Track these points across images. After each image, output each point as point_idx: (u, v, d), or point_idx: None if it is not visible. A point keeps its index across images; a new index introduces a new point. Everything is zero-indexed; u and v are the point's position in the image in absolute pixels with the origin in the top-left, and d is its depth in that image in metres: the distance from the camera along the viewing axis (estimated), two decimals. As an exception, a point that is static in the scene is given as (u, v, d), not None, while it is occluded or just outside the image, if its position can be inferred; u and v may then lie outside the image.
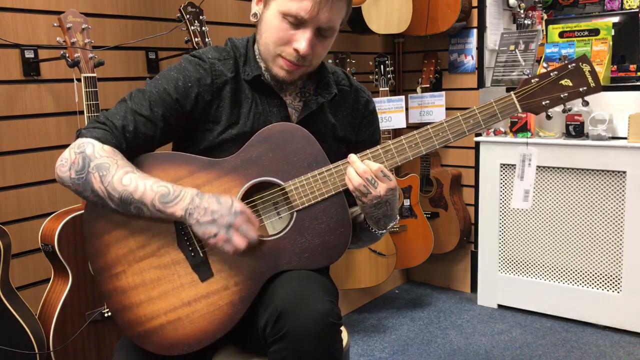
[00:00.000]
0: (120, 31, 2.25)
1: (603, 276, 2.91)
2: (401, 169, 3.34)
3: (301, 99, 1.42)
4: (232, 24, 2.64)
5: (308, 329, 1.15)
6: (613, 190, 2.82)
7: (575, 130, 2.89)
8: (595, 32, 2.96)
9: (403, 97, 3.11)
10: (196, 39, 2.15)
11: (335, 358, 1.19)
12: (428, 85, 3.32)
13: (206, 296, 1.28)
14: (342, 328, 1.36)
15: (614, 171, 2.80)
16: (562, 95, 1.30)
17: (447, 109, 3.29)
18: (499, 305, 3.24)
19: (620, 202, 2.80)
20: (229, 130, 1.35)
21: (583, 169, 2.88)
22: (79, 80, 1.87)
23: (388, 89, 3.10)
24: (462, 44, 3.37)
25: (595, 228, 2.89)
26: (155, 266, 1.29)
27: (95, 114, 1.84)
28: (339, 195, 1.30)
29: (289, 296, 1.19)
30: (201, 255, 1.29)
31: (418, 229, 3.21)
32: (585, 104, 1.33)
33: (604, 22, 2.98)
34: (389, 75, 3.09)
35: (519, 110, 1.30)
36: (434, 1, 3.16)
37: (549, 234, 3.03)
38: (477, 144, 3.23)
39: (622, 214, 2.80)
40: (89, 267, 1.84)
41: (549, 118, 1.37)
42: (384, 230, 1.39)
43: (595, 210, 2.88)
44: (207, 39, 2.18)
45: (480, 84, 3.33)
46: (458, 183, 3.45)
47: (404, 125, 3.10)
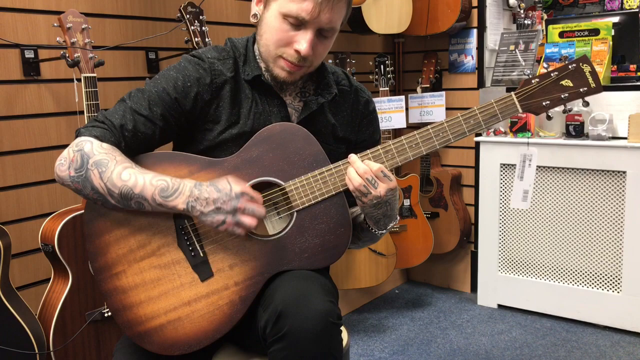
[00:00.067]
0: (120, 31, 2.25)
1: (603, 276, 2.91)
2: (401, 169, 3.34)
3: (301, 99, 1.42)
4: (232, 24, 2.64)
5: (308, 329, 1.15)
6: (613, 190, 2.82)
7: (575, 130, 2.89)
8: (595, 32, 2.96)
9: (403, 97, 3.11)
10: (196, 39, 2.15)
11: (335, 358, 1.19)
12: (428, 85, 3.32)
13: (206, 296, 1.28)
14: (342, 328, 1.36)
15: (614, 171, 2.80)
16: (563, 96, 1.30)
17: (447, 109, 3.29)
18: (499, 305, 3.24)
19: (620, 202, 2.80)
20: (229, 130, 1.35)
21: (583, 169, 2.88)
22: (79, 80, 1.87)
23: (388, 89, 3.10)
24: (462, 44, 3.37)
25: (595, 228, 2.89)
26: (155, 266, 1.29)
27: (95, 114, 1.84)
28: (339, 195, 1.30)
29: (289, 296, 1.19)
30: (201, 254, 1.29)
31: (418, 229, 3.21)
32: (586, 104, 1.33)
33: (604, 22, 2.98)
34: (389, 75, 3.08)
35: (520, 110, 1.30)
36: (434, 1, 3.16)
37: (549, 234, 3.03)
38: (477, 144, 3.23)
39: (622, 214, 2.80)
40: (89, 267, 1.84)
41: (549, 118, 1.37)
42: (384, 231, 1.39)
43: (595, 210, 2.88)
44: (207, 39, 2.18)
45: (480, 84, 3.33)
46: (458, 183, 3.45)
47: (404, 125, 3.10)
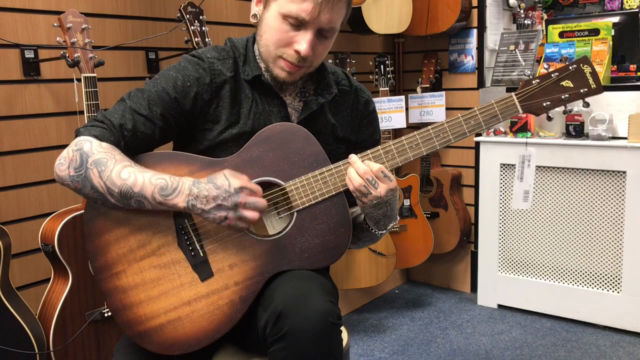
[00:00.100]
0: (120, 31, 2.25)
1: (603, 276, 2.91)
2: (401, 169, 3.34)
3: (301, 99, 1.42)
4: (232, 24, 2.64)
5: (308, 329, 1.15)
6: (613, 190, 2.82)
7: (576, 130, 2.89)
8: (595, 32, 2.96)
9: (403, 97, 3.11)
10: (196, 39, 2.15)
11: (335, 358, 1.19)
12: (428, 85, 3.32)
13: (206, 296, 1.28)
14: (342, 328, 1.36)
15: (614, 171, 2.80)
16: (563, 97, 1.30)
17: (447, 109, 3.29)
18: (499, 305, 3.24)
19: (620, 202, 2.80)
20: (229, 129, 1.35)
21: (583, 169, 2.88)
22: (79, 80, 1.87)
23: (388, 89, 3.10)
24: (462, 44, 3.37)
25: (595, 228, 2.89)
26: (155, 265, 1.29)
27: (95, 114, 1.84)
28: (340, 195, 1.30)
29: (289, 296, 1.19)
30: (201, 254, 1.29)
31: (418, 229, 3.20)
32: (586, 105, 1.33)
33: (604, 22, 2.98)
34: (389, 75, 3.08)
35: (520, 111, 1.30)
36: (434, 1, 3.16)
37: (549, 234, 3.03)
38: (477, 144, 3.23)
39: (622, 214, 2.80)
40: (89, 267, 1.84)
41: (549, 119, 1.36)
42: (383, 231, 1.39)
43: (595, 210, 2.88)
44: (207, 39, 2.18)
45: (480, 84, 3.33)
46: (458, 183, 3.45)
47: (404, 125, 3.10)
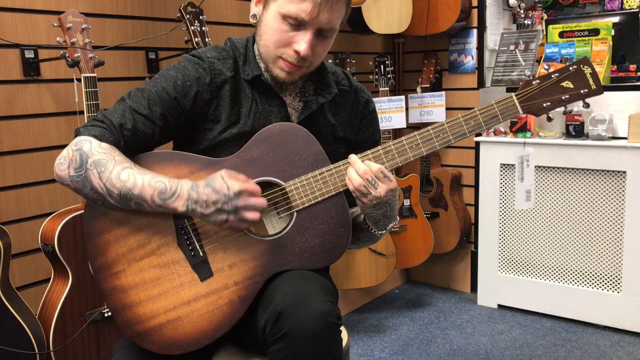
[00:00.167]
0: (120, 31, 2.25)
1: (603, 276, 2.91)
2: (401, 169, 3.34)
3: (301, 99, 1.42)
4: (232, 24, 2.64)
5: (308, 329, 1.15)
6: (613, 190, 2.82)
7: (575, 130, 2.89)
8: (595, 32, 2.96)
9: (403, 97, 3.11)
10: (196, 39, 2.15)
11: (335, 358, 1.19)
12: (428, 85, 3.32)
13: (206, 295, 1.28)
14: (342, 328, 1.36)
15: (614, 171, 2.80)
16: (563, 97, 1.30)
17: (447, 109, 3.29)
18: (499, 305, 3.24)
19: (620, 202, 2.80)
20: (229, 129, 1.35)
21: (583, 169, 2.88)
22: (79, 80, 1.87)
23: (388, 89, 3.10)
24: (462, 44, 3.37)
25: (595, 228, 2.89)
26: (155, 265, 1.29)
27: (95, 114, 1.84)
28: (339, 195, 1.30)
29: (288, 296, 1.19)
30: (201, 254, 1.29)
31: (418, 229, 3.20)
32: (586, 106, 1.33)
33: (604, 22, 2.98)
34: (389, 75, 3.08)
35: (520, 112, 1.30)
36: (434, 1, 3.16)
37: (549, 234, 3.03)
38: (477, 144, 3.23)
39: (622, 214, 2.80)
40: (89, 267, 1.84)
41: (549, 120, 1.36)
42: (383, 231, 1.39)
43: (595, 210, 2.88)
44: (207, 39, 2.18)
45: (480, 84, 3.33)
46: (458, 183, 3.45)
47: (404, 125, 3.10)
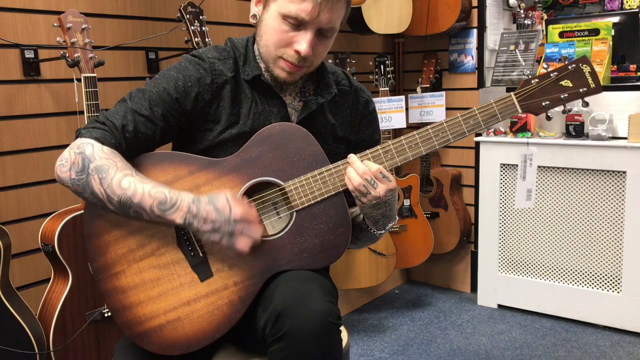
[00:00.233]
0: (120, 31, 2.25)
1: (603, 276, 2.91)
2: (401, 169, 3.34)
3: (301, 99, 1.42)
4: (232, 24, 2.64)
5: (307, 329, 1.15)
6: (613, 190, 2.82)
7: (575, 130, 2.89)
8: (595, 32, 2.96)
9: (403, 97, 3.11)
10: (196, 39, 2.15)
11: (334, 358, 1.19)
12: (428, 85, 3.32)
13: (205, 296, 1.28)
14: (342, 328, 1.36)
15: (614, 171, 2.80)
16: (562, 96, 1.30)
17: (447, 109, 3.29)
18: (499, 305, 3.24)
19: (620, 202, 2.80)
20: (229, 130, 1.35)
21: (583, 169, 2.88)
22: (79, 80, 1.87)
23: (388, 89, 3.10)
24: (462, 44, 3.37)
25: (595, 228, 2.89)
26: (154, 266, 1.29)
27: (95, 114, 1.84)
28: (339, 195, 1.30)
29: (288, 296, 1.19)
30: (201, 255, 1.29)
31: (418, 229, 3.20)
32: (585, 104, 1.33)
33: (604, 22, 2.98)
34: (389, 75, 3.08)
35: (519, 111, 1.30)
36: (434, 1, 3.16)
37: (549, 234, 3.03)
38: (477, 144, 3.23)
39: (622, 214, 2.80)
40: (89, 267, 1.84)
41: (548, 119, 1.37)
42: (382, 231, 1.39)
43: (595, 210, 2.88)
44: (207, 39, 2.18)
45: (480, 84, 3.33)
46: (458, 183, 3.45)
47: (404, 125, 3.10)
